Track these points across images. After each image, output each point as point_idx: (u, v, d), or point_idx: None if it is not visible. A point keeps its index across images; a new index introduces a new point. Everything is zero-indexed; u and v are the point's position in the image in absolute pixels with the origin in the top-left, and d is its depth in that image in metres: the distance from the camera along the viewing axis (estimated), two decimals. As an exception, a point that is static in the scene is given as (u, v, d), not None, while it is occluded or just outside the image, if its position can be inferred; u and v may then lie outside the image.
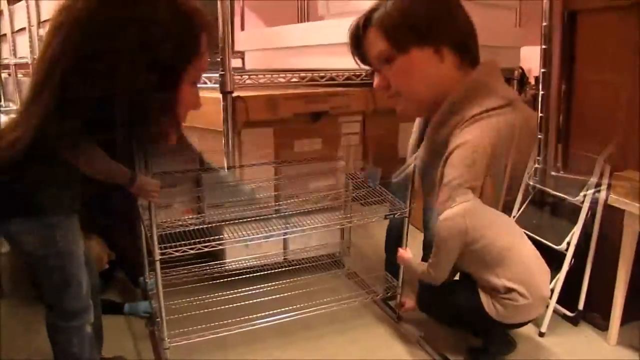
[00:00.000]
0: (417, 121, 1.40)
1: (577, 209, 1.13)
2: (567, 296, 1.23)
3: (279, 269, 1.52)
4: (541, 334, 1.26)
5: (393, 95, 1.27)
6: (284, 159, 1.49)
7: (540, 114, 0.78)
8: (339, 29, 1.70)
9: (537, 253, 1.12)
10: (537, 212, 1.19)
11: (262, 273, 1.49)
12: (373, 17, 1.22)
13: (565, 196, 0.77)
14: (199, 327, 1.20)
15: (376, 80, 1.29)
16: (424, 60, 1.20)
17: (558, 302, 1.24)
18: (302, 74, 1.55)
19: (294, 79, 1.54)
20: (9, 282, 1.59)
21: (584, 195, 0.90)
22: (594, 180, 0.86)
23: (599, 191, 0.89)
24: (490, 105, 1.14)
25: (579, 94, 0.75)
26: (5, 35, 3.33)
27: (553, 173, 0.78)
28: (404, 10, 1.20)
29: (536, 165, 0.79)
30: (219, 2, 1.32)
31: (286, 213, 1.43)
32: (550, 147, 0.78)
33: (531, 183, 0.81)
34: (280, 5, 2.82)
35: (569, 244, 1.16)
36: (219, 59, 1.36)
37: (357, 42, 1.28)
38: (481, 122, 1.14)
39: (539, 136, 0.78)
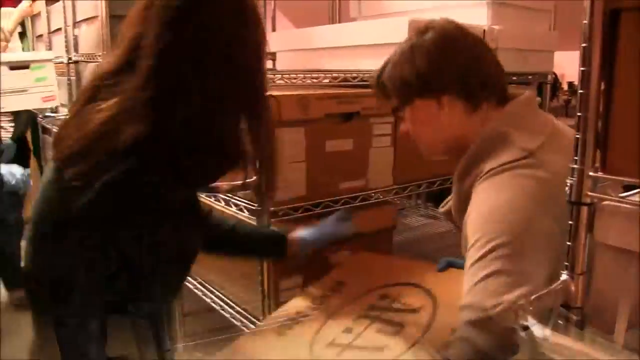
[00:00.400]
0: None
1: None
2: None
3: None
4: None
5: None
6: (314, 159, 1.49)
7: (578, 114, 0.76)
8: (371, 30, 1.70)
9: None
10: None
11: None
12: (384, 69, 1.26)
13: (604, 196, 0.76)
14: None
15: (400, 127, 1.32)
16: (426, 110, 1.21)
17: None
18: (334, 75, 1.55)
19: (326, 80, 1.55)
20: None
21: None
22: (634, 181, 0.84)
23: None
24: (507, 159, 1.09)
25: (620, 93, 0.74)
26: (42, 35, 3.40)
27: (591, 173, 0.77)
28: (402, 64, 1.21)
29: (574, 166, 0.78)
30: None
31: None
32: (588, 148, 0.76)
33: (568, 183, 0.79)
34: (311, 7, 2.83)
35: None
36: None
37: (378, 91, 1.30)
38: (495, 177, 1.09)
39: (577, 135, 0.77)
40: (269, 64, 1.41)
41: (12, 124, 3.33)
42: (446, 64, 1.19)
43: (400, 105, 1.25)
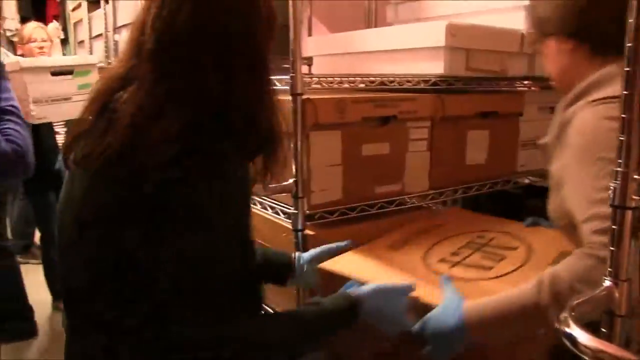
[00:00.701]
0: None
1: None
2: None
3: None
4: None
5: None
6: (351, 163, 1.48)
7: (622, 115, 0.75)
8: (408, 35, 1.70)
9: None
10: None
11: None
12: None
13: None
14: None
15: None
16: (556, 50, 1.28)
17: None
18: (371, 79, 1.55)
19: (362, 84, 1.55)
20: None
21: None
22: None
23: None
24: (612, 94, 1.12)
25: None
26: (83, 41, 3.48)
27: (636, 176, 0.75)
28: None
29: (618, 169, 0.76)
30: (290, 6, 1.34)
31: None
32: (633, 150, 0.75)
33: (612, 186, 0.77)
34: (347, 12, 2.84)
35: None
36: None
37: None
38: (598, 106, 1.15)
39: (621, 138, 0.75)
40: (304, 69, 1.41)
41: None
42: (587, 11, 1.22)
43: (534, 39, 1.33)
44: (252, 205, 1.61)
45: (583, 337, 0.71)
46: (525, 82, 1.94)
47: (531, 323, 1.00)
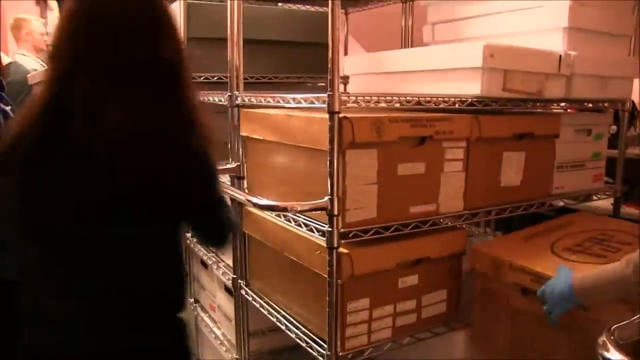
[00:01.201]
0: None
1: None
2: None
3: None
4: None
5: None
6: (386, 182, 1.48)
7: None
8: (445, 55, 1.70)
9: None
10: None
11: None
12: None
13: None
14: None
15: None
16: None
17: None
18: (408, 98, 1.55)
19: (398, 104, 1.55)
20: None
21: None
22: None
23: None
24: None
25: None
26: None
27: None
28: None
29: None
30: (329, 26, 1.35)
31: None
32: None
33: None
34: (383, 32, 2.85)
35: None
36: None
37: None
38: None
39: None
40: (340, 88, 1.42)
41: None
42: None
43: None
44: (286, 223, 1.62)
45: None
46: (562, 103, 1.92)
47: (619, 289, 1.27)
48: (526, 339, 1.57)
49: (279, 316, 1.75)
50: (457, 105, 1.63)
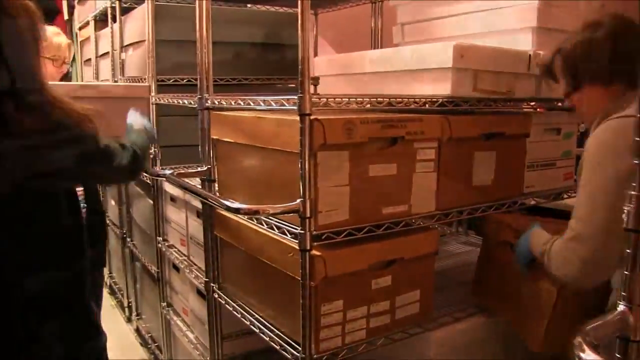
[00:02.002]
0: None
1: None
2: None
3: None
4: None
5: None
6: (358, 183, 1.48)
7: (636, 138, 0.74)
8: (416, 55, 1.70)
9: None
10: None
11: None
12: (562, 47, 1.51)
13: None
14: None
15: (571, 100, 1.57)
16: (594, 94, 1.48)
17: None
18: (378, 99, 1.54)
19: (369, 105, 1.54)
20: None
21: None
22: None
23: None
24: (627, 113, 1.32)
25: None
26: (89, 59, 3.49)
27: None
28: (584, 50, 1.45)
29: (632, 192, 0.75)
30: (298, 27, 1.34)
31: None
32: (646, 174, 0.74)
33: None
34: (353, 33, 2.85)
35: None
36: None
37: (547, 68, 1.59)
38: (610, 122, 1.37)
39: (636, 161, 0.75)
40: (311, 89, 1.41)
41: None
42: (629, 57, 1.40)
43: (568, 88, 1.53)
44: (258, 226, 1.61)
45: (598, 363, 0.70)
46: (532, 103, 1.94)
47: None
48: (512, 288, 1.76)
49: (252, 319, 1.73)
50: (427, 106, 1.63)
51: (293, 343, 1.53)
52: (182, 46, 2.37)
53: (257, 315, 1.74)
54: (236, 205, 1.54)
